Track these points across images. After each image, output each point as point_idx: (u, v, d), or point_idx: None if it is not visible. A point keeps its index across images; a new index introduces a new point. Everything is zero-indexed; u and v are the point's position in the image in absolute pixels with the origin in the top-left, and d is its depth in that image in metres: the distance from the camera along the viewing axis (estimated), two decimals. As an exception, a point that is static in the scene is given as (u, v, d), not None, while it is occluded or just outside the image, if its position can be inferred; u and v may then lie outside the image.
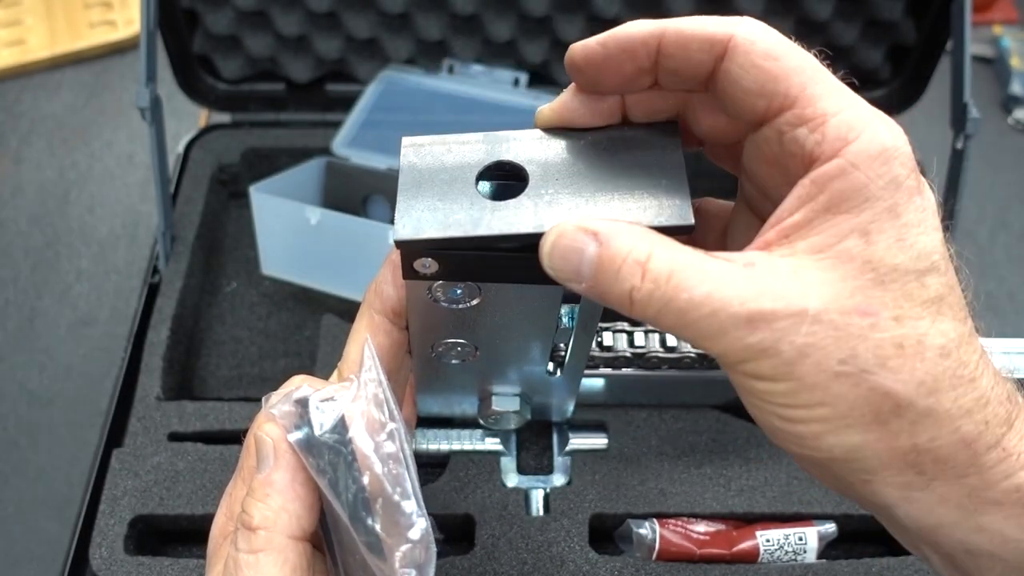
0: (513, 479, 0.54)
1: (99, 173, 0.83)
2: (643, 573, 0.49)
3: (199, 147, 0.72)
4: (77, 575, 0.51)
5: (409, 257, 0.30)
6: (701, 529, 0.51)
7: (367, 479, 0.30)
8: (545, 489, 0.53)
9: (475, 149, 0.31)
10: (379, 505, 0.30)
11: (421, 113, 0.71)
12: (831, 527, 0.51)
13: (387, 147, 0.67)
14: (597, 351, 0.52)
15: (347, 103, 0.71)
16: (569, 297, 0.36)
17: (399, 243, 0.29)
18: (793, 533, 0.51)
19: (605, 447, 0.55)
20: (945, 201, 0.62)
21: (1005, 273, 0.78)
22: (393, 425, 0.31)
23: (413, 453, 0.32)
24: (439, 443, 0.54)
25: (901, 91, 0.73)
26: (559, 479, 0.54)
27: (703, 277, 0.26)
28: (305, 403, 0.31)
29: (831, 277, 0.26)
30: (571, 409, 0.50)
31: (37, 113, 0.88)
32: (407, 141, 0.32)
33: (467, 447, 0.54)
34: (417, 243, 0.29)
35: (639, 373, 0.54)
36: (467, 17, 0.71)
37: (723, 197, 0.35)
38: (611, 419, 0.56)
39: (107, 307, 0.74)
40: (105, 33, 0.93)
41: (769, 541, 0.50)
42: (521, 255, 0.29)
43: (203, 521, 0.51)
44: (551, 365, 0.41)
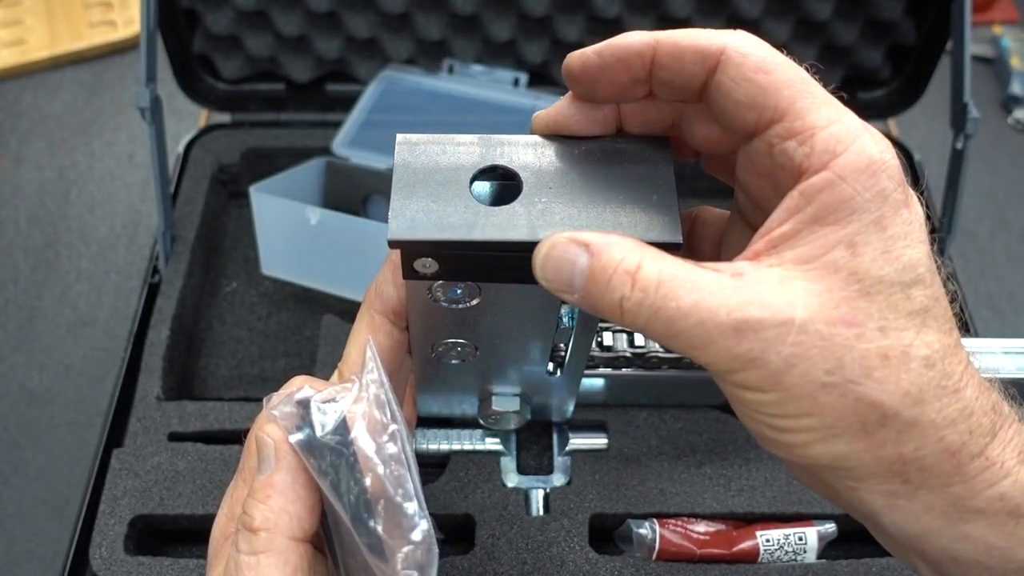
0: (513, 479, 0.54)
1: (99, 173, 0.83)
2: (643, 573, 0.49)
3: (199, 147, 0.72)
4: (77, 575, 0.51)
5: (409, 257, 0.30)
6: (701, 529, 0.51)
7: (369, 480, 0.30)
8: (545, 489, 0.53)
9: (470, 151, 0.31)
10: (381, 506, 0.30)
11: (421, 113, 0.71)
12: (831, 527, 0.51)
13: (387, 147, 0.66)
14: (597, 351, 0.52)
15: (347, 103, 0.71)
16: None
17: (392, 242, 0.29)
18: (793, 533, 0.51)
19: (605, 447, 0.55)
20: (945, 201, 0.62)
21: (1005, 273, 0.78)
22: (395, 426, 0.31)
23: (415, 454, 0.32)
24: (439, 443, 0.54)
25: (901, 91, 0.73)
26: (559, 479, 0.54)
27: (691, 287, 0.26)
28: (307, 404, 0.31)
29: (818, 288, 0.26)
30: (571, 409, 0.50)
31: (37, 113, 0.88)
32: (401, 138, 0.32)
33: (467, 447, 0.54)
34: (410, 243, 0.29)
35: (639, 373, 0.54)
36: (467, 17, 0.71)
37: (725, 199, 0.35)
38: (611, 419, 0.56)
39: (107, 307, 0.74)
40: (105, 33, 0.93)
41: (769, 541, 0.50)
42: (520, 256, 0.29)
43: (203, 521, 0.51)
44: (551, 365, 0.41)
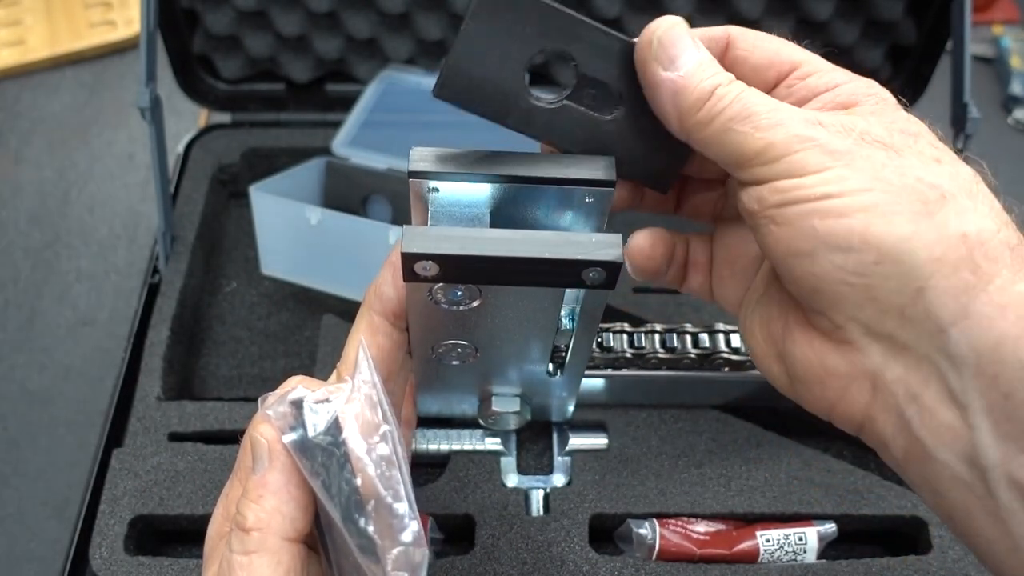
0: (513, 479, 0.54)
1: (99, 173, 0.83)
2: (643, 573, 0.49)
3: (199, 147, 0.72)
4: (77, 575, 0.51)
5: (409, 260, 0.30)
6: (701, 529, 0.51)
7: (360, 481, 0.30)
8: (545, 489, 0.53)
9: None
10: (372, 507, 0.30)
11: (421, 113, 0.71)
12: (831, 527, 0.51)
13: (387, 147, 0.67)
14: (597, 351, 0.52)
15: (347, 103, 0.70)
16: (569, 298, 0.36)
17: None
18: (793, 533, 0.51)
19: (605, 447, 0.55)
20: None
21: (1005, 273, 0.77)
22: (387, 427, 0.31)
23: (407, 455, 0.32)
24: (439, 443, 0.54)
25: (901, 91, 0.72)
26: (559, 479, 0.54)
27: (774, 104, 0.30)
28: (300, 404, 0.31)
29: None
30: (571, 409, 0.50)
31: (37, 113, 0.88)
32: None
33: (467, 447, 0.54)
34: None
35: (639, 373, 0.54)
36: (467, 17, 0.71)
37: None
38: (611, 419, 0.56)
39: (107, 307, 0.74)
40: (105, 33, 0.93)
41: (769, 541, 0.50)
42: (519, 258, 0.30)
43: (203, 521, 0.51)
44: (551, 366, 0.41)
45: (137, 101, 0.59)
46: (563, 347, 0.39)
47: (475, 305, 0.33)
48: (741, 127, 0.29)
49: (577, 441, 0.55)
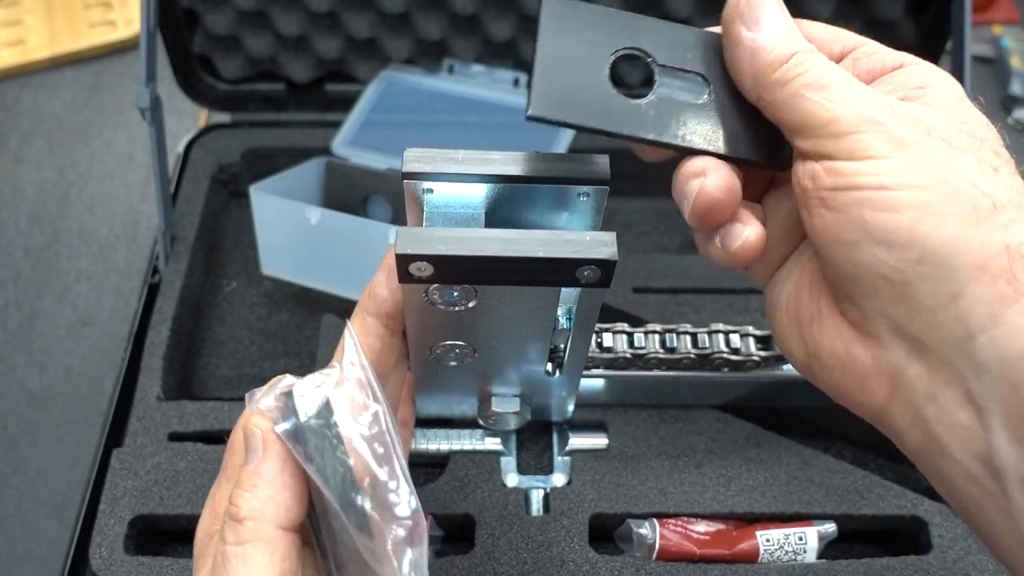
0: (513, 479, 0.54)
1: (99, 173, 0.83)
2: (643, 573, 0.49)
3: (199, 147, 0.72)
4: (77, 575, 0.51)
5: (404, 261, 0.30)
6: (701, 529, 0.51)
7: (353, 460, 0.30)
8: (545, 489, 0.53)
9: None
10: (367, 485, 0.30)
11: (421, 113, 0.71)
12: (831, 527, 0.51)
13: (387, 147, 0.67)
14: (597, 352, 0.52)
15: (347, 103, 0.71)
16: (566, 297, 0.36)
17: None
18: (793, 533, 0.51)
19: (605, 447, 0.55)
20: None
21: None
22: (377, 407, 0.31)
23: (398, 433, 0.32)
24: (439, 443, 0.54)
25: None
26: (559, 479, 0.54)
27: (850, 81, 0.30)
28: (290, 395, 0.31)
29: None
30: (571, 409, 0.50)
31: (37, 113, 0.88)
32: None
33: (467, 447, 0.54)
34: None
35: (639, 373, 0.54)
36: (467, 17, 0.71)
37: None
38: (611, 419, 0.56)
39: (107, 307, 0.74)
40: (105, 33, 0.93)
41: (769, 541, 0.50)
42: (513, 258, 0.30)
43: (203, 521, 0.51)
44: (550, 366, 0.41)
45: (137, 101, 0.59)
46: (561, 346, 0.39)
47: (471, 305, 0.33)
48: (814, 95, 0.29)
49: (577, 441, 0.55)
